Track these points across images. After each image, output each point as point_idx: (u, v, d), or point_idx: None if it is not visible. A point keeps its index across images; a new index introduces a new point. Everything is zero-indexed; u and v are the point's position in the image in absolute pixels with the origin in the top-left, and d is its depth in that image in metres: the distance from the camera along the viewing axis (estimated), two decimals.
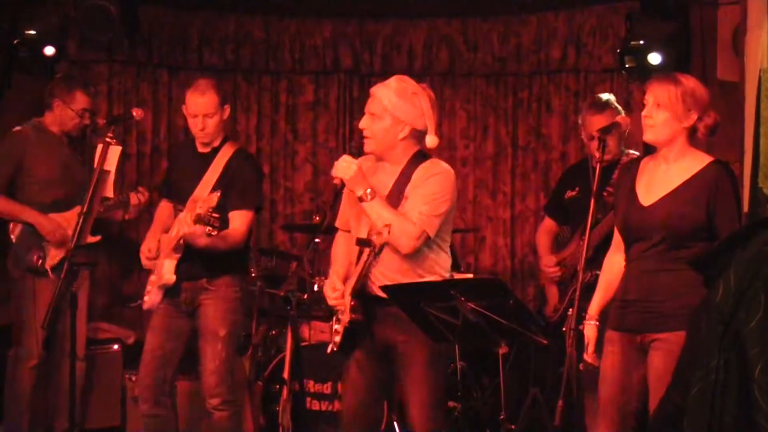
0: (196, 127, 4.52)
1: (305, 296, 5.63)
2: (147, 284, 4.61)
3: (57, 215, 5.16)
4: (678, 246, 3.51)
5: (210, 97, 4.49)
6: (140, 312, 4.81)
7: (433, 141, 3.88)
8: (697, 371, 2.84)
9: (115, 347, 5.75)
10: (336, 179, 3.80)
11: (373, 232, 3.69)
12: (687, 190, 3.53)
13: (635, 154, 4.85)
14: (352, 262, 3.88)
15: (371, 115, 3.85)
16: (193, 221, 4.18)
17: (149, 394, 4.52)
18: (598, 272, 3.87)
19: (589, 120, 4.94)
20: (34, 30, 5.77)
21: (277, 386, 5.41)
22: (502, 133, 6.94)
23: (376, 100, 3.85)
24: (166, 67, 6.78)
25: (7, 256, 5.24)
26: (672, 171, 3.59)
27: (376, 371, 3.90)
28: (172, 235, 4.44)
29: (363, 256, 3.76)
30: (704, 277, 3.09)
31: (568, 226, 5.24)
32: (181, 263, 4.46)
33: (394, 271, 3.79)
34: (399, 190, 3.84)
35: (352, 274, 3.84)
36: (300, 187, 7.02)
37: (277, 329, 5.83)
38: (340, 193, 3.94)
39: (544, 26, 6.71)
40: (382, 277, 3.78)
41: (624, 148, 4.99)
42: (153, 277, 4.56)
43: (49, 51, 5.82)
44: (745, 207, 4.39)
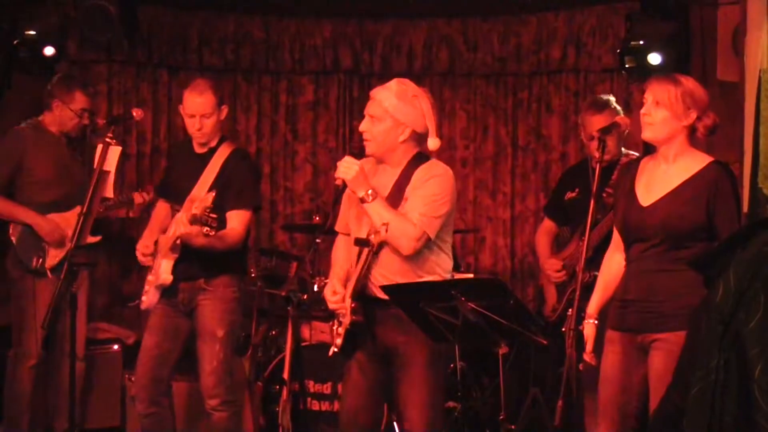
0: (194, 127, 4.52)
1: (305, 296, 5.62)
2: (145, 284, 4.61)
3: (56, 215, 5.16)
4: (678, 246, 3.51)
5: (207, 97, 4.49)
6: (140, 312, 4.80)
7: (435, 143, 3.87)
8: (697, 371, 2.84)
9: (115, 347, 5.75)
10: (338, 180, 3.81)
11: (372, 232, 3.69)
12: (686, 190, 3.53)
13: (635, 154, 4.85)
14: (353, 265, 3.88)
15: (371, 118, 3.84)
16: (189, 221, 4.17)
17: (146, 394, 4.52)
18: (597, 273, 3.87)
19: (588, 120, 4.94)
20: (34, 30, 5.77)
21: (277, 386, 5.41)
22: (502, 134, 6.94)
23: (377, 102, 3.84)
24: (166, 67, 6.78)
25: (7, 257, 5.24)
26: (671, 171, 3.59)
27: (377, 373, 3.89)
28: (169, 235, 4.43)
29: (362, 256, 3.76)
30: (704, 277, 3.09)
31: (567, 226, 5.24)
32: (179, 263, 4.45)
33: (395, 272, 3.79)
34: (399, 191, 3.83)
35: (352, 275, 3.84)
36: (300, 187, 7.02)
37: (277, 329, 5.83)
38: (341, 193, 3.94)
39: (544, 26, 6.71)
40: (383, 279, 3.78)
41: (624, 148, 4.99)
42: (150, 277, 4.56)
43: (48, 51, 5.82)
44: (745, 207, 4.39)
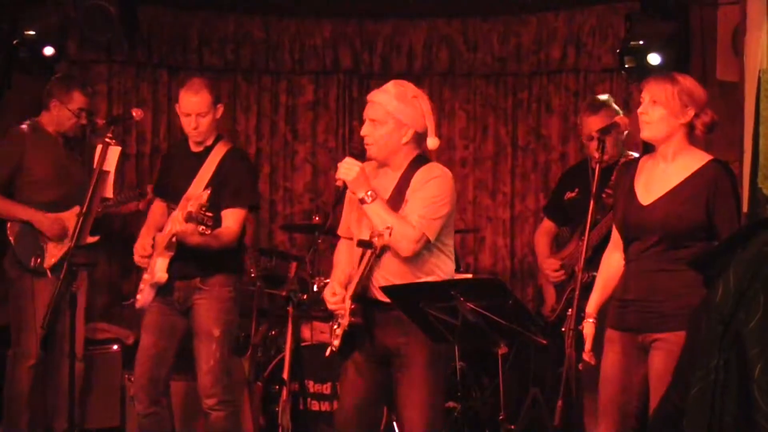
0: (189, 126, 4.53)
1: (305, 297, 5.62)
2: (140, 283, 4.61)
3: (55, 215, 5.16)
4: (677, 245, 3.51)
5: (203, 96, 4.49)
6: (140, 312, 4.80)
7: (434, 143, 3.87)
8: (697, 371, 2.85)
9: (115, 347, 5.74)
10: (338, 181, 3.81)
11: (375, 234, 3.68)
12: (686, 188, 3.53)
13: (634, 155, 4.84)
14: (354, 268, 3.88)
15: (372, 122, 3.83)
16: (185, 219, 4.17)
17: (145, 394, 4.51)
18: (596, 273, 3.87)
19: (585, 121, 4.96)
20: (33, 30, 5.77)
21: (277, 386, 5.41)
22: (501, 134, 6.93)
23: (377, 105, 3.84)
24: (166, 67, 6.77)
25: (5, 257, 5.24)
26: (671, 170, 3.58)
27: (375, 374, 3.89)
28: (165, 234, 4.43)
29: (364, 258, 3.76)
30: (704, 277, 3.09)
31: (567, 226, 5.24)
32: (174, 262, 4.45)
33: (395, 274, 3.78)
34: (399, 194, 3.83)
35: (354, 277, 3.83)
36: (299, 187, 7.01)
37: (277, 330, 5.83)
38: (342, 194, 3.94)
39: (544, 26, 6.71)
40: (383, 281, 3.78)
41: (623, 148, 4.99)
42: (146, 276, 4.55)
43: (48, 51, 5.82)
44: (745, 207, 4.39)
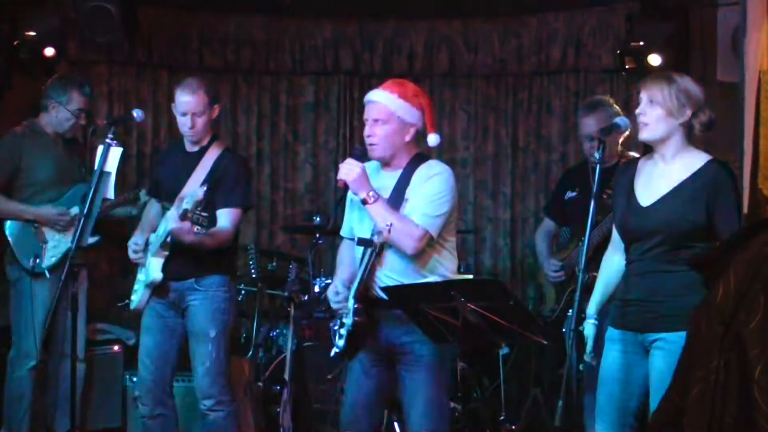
0: (185, 125, 4.53)
1: (306, 297, 5.63)
2: (134, 284, 4.59)
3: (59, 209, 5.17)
4: (677, 246, 3.50)
5: (199, 96, 4.49)
6: (135, 313, 4.78)
7: (435, 140, 3.89)
8: (697, 372, 2.85)
9: (116, 348, 5.73)
10: (340, 182, 3.81)
11: (375, 232, 3.69)
12: (686, 189, 3.52)
13: (635, 155, 4.84)
14: (357, 267, 3.88)
15: (376, 122, 3.84)
16: (180, 217, 4.17)
17: (151, 396, 4.50)
18: (596, 274, 3.87)
19: (581, 121, 4.99)
20: (34, 31, 5.78)
21: (278, 387, 5.42)
22: (502, 134, 6.94)
23: (379, 105, 3.84)
24: (166, 67, 6.78)
25: (4, 257, 5.24)
26: (670, 170, 3.57)
27: (381, 373, 3.89)
28: (160, 233, 4.43)
29: (365, 256, 3.77)
30: (704, 277, 3.09)
31: (567, 227, 5.24)
32: (170, 263, 4.44)
33: (399, 273, 3.79)
34: (400, 193, 3.83)
35: (356, 276, 3.84)
36: (300, 188, 7.02)
37: (278, 330, 5.83)
38: (344, 195, 3.95)
39: (544, 27, 6.71)
40: (387, 280, 3.78)
41: (623, 149, 5.00)
42: (141, 276, 4.54)
43: (49, 52, 5.83)
44: (745, 208, 4.39)
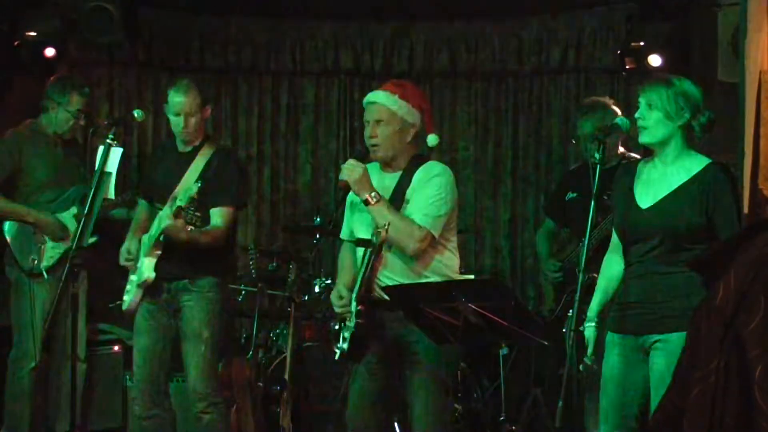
0: (178, 126, 4.52)
1: (306, 297, 5.63)
2: (126, 284, 4.56)
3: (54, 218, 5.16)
4: (677, 248, 3.50)
5: (191, 97, 4.48)
6: (127, 313, 4.77)
7: (434, 140, 3.89)
8: (697, 372, 2.85)
9: (116, 348, 5.72)
10: (341, 182, 3.81)
11: (374, 232, 3.69)
12: (685, 191, 3.52)
13: (636, 156, 4.85)
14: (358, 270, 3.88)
15: (377, 123, 3.84)
16: (174, 214, 4.16)
17: (145, 396, 4.49)
18: (595, 275, 3.87)
19: (579, 122, 4.99)
20: (34, 32, 5.78)
21: (278, 387, 5.42)
22: (502, 135, 6.94)
23: (380, 106, 3.85)
24: (167, 68, 6.77)
25: (3, 258, 5.24)
26: (670, 172, 3.57)
27: (386, 374, 3.90)
28: (152, 233, 4.41)
29: (365, 257, 3.77)
30: (704, 278, 3.09)
31: (568, 227, 5.24)
32: (163, 263, 4.42)
33: (401, 273, 3.79)
34: (400, 194, 3.84)
35: (357, 277, 3.83)
36: (300, 188, 7.02)
37: (278, 330, 5.83)
38: (344, 195, 3.95)
39: (545, 28, 6.71)
40: (388, 280, 3.79)
41: (623, 149, 5.00)
42: (133, 277, 4.52)
43: (49, 53, 5.84)
44: (745, 208, 4.39)
